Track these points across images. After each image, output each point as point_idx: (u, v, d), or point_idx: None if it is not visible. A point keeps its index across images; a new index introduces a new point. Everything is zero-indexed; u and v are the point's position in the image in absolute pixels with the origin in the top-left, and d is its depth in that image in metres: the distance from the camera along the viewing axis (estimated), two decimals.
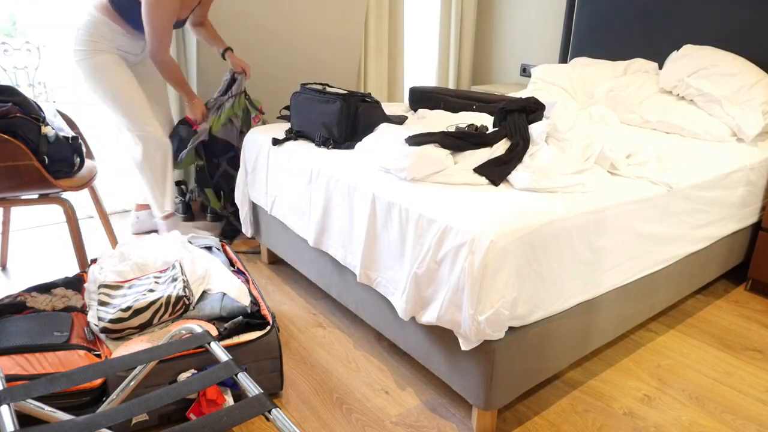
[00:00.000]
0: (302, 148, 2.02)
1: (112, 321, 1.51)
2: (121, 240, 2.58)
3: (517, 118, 1.76)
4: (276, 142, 2.12)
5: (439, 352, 1.54)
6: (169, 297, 1.58)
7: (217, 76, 2.95)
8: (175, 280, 1.68)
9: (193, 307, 1.64)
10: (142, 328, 1.55)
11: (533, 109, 1.82)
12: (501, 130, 1.73)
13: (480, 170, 1.61)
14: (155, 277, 1.74)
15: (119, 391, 1.29)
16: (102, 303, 1.62)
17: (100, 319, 1.55)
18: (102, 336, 1.55)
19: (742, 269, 2.52)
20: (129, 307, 1.54)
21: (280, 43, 3.09)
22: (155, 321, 1.56)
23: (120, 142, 2.57)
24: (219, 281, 1.78)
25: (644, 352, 1.92)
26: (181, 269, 1.73)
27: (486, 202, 1.45)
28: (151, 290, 1.66)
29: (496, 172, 1.60)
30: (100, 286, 1.69)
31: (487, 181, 1.60)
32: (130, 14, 2.23)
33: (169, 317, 1.58)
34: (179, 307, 1.60)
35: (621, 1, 3.09)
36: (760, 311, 2.22)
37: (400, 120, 2.21)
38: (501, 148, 1.67)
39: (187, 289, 1.64)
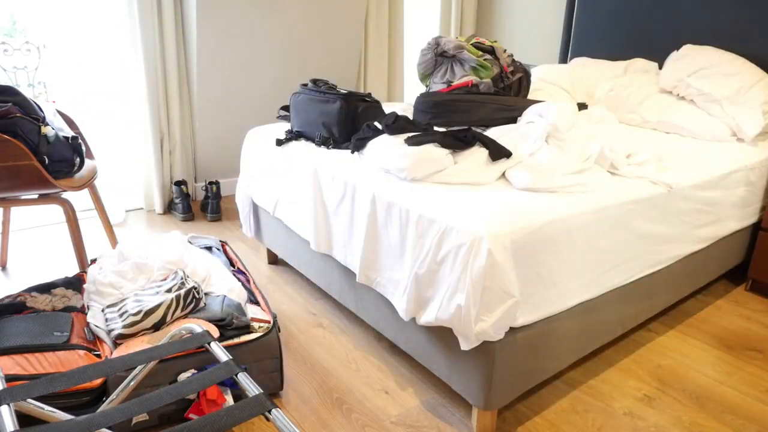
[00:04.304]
0: (303, 148, 2.02)
1: (126, 326, 1.50)
2: (121, 240, 2.59)
3: None
4: (279, 142, 2.11)
5: (439, 352, 1.54)
6: (178, 296, 1.56)
7: (217, 76, 2.95)
8: (181, 287, 1.65)
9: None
10: (156, 327, 1.52)
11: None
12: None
13: (495, 156, 1.64)
14: (157, 286, 1.70)
15: (119, 391, 1.29)
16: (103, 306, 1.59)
17: (110, 330, 1.52)
18: (106, 340, 1.54)
19: (742, 269, 2.52)
20: (139, 311, 1.52)
21: (280, 43, 3.09)
22: (168, 318, 1.54)
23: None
24: (220, 283, 1.77)
25: (644, 352, 1.92)
26: (185, 278, 1.70)
27: (486, 202, 1.45)
28: (157, 293, 1.62)
29: (497, 147, 1.64)
30: (92, 291, 1.62)
31: (487, 180, 1.60)
32: None
33: (182, 312, 1.56)
34: (190, 300, 1.57)
35: (621, 1, 3.09)
36: (760, 311, 2.22)
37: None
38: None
39: (195, 290, 1.62)
